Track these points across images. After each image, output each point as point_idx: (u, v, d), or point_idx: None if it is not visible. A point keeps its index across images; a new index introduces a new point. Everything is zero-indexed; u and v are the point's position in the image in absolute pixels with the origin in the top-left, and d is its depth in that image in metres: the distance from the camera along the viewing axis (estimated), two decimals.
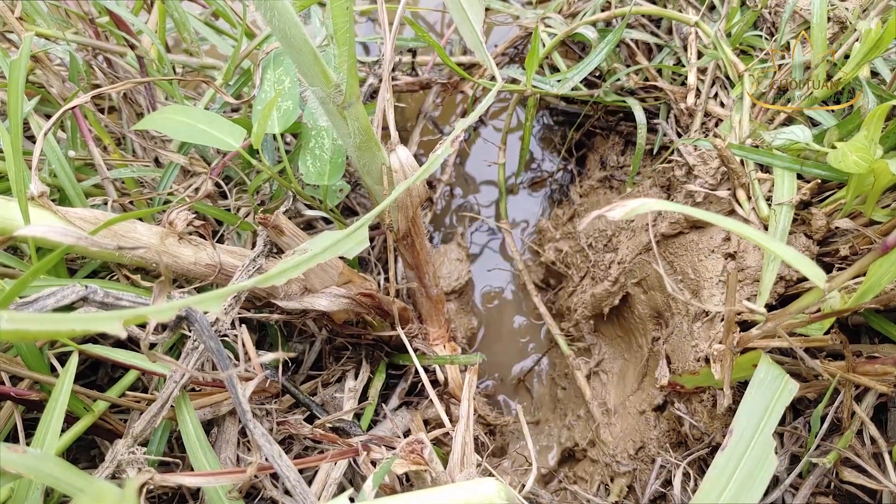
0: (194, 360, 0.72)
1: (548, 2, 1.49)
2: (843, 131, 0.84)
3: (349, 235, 0.56)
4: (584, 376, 1.19)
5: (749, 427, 0.68)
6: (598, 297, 1.15)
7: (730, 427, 0.68)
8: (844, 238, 0.84)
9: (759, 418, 0.69)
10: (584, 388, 1.17)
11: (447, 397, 1.05)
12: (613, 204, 0.55)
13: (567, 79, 1.06)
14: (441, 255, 1.33)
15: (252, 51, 1.03)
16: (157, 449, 0.75)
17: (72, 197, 0.85)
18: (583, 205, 1.31)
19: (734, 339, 0.76)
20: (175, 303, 0.42)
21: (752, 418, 0.69)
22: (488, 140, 1.49)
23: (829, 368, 0.75)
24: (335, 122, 0.78)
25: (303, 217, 1.13)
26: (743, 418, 0.69)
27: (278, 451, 0.61)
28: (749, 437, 0.68)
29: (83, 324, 0.40)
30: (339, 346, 1.06)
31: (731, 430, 0.69)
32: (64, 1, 1.06)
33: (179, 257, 0.82)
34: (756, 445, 0.68)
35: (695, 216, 0.57)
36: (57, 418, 0.59)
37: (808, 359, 0.72)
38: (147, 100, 1.07)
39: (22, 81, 0.64)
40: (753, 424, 0.69)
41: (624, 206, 0.55)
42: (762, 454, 0.67)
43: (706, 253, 0.93)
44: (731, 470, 0.66)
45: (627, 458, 1.05)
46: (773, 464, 0.66)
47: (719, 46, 1.00)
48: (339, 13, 0.68)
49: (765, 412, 0.69)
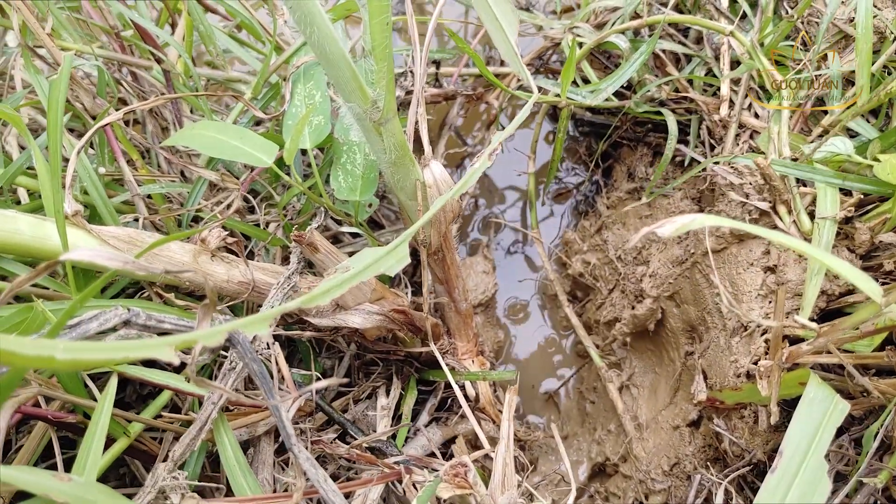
0: (232, 381, 0.71)
1: (572, 11, 1.48)
2: (886, 143, 0.83)
3: (390, 252, 0.55)
4: (616, 389, 1.18)
5: (800, 448, 0.67)
6: (640, 318, 1.13)
7: (780, 448, 0.67)
8: (888, 252, 0.83)
9: (810, 439, 0.67)
10: (616, 400, 1.16)
11: (478, 413, 1.04)
12: (662, 220, 0.54)
13: (601, 90, 1.05)
14: (468, 267, 1.32)
15: (281, 64, 1.03)
16: (193, 471, 0.74)
17: (104, 214, 0.84)
18: (610, 216, 1.30)
19: (783, 354, 0.74)
20: (223, 326, 0.41)
21: (803, 439, 0.67)
22: (510, 149, 1.48)
23: (879, 386, 0.73)
24: (370, 138, 0.77)
25: (330, 231, 1.12)
26: (793, 439, 0.67)
27: (323, 475, 0.60)
28: (801, 458, 0.66)
29: (136, 351, 0.40)
30: (369, 362, 1.05)
31: (781, 451, 0.67)
32: (89, 16, 1.06)
33: (212, 275, 0.81)
34: (808, 467, 0.66)
35: (745, 230, 0.55)
36: (98, 442, 0.58)
37: (859, 376, 0.71)
38: (173, 114, 1.07)
39: (62, 101, 0.64)
40: (805, 445, 0.67)
41: (673, 222, 0.54)
42: (815, 476, 0.65)
43: (745, 266, 0.92)
44: (784, 492, 0.65)
45: (662, 475, 1.03)
46: (826, 487, 0.65)
47: (755, 56, 0.99)
48: (379, 29, 0.67)
49: (816, 433, 0.68)
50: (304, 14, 0.62)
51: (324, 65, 0.67)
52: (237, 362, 0.72)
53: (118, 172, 0.95)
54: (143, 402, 0.88)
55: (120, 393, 0.92)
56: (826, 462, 0.65)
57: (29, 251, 0.70)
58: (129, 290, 0.90)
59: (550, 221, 1.44)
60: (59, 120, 0.64)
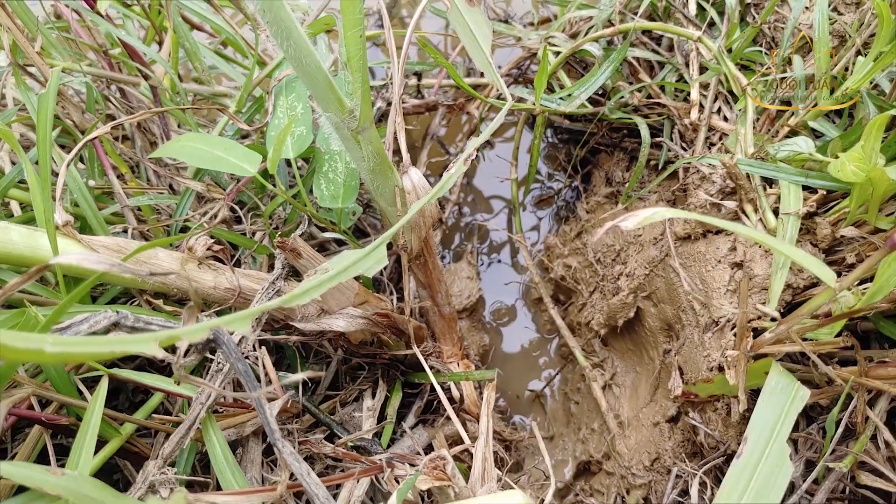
0: (219, 382, 0.73)
1: (549, 22, 1.52)
2: (846, 142, 0.86)
3: (368, 254, 0.58)
4: (600, 387, 1.21)
5: (763, 434, 0.70)
6: (613, 308, 1.16)
7: (744, 435, 0.70)
8: (850, 246, 0.86)
9: (772, 426, 0.70)
10: (599, 398, 1.19)
11: (463, 414, 1.07)
12: (626, 214, 0.57)
13: (574, 96, 1.08)
14: (452, 273, 1.35)
15: (263, 78, 1.06)
16: (183, 469, 0.76)
17: (94, 225, 0.87)
18: (590, 220, 1.33)
19: (747, 343, 0.77)
20: (206, 323, 0.44)
21: (765, 426, 0.70)
22: (492, 158, 1.51)
23: (841, 374, 0.76)
24: (349, 147, 0.80)
25: (316, 239, 1.15)
26: (757, 426, 0.70)
27: (307, 469, 0.63)
28: (764, 444, 0.69)
29: (122, 345, 0.42)
30: (355, 366, 1.08)
31: (745, 438, 0.70)
32: (78, 35, 1.09)
33: (199, 282, 0.83)
34: (771, 452, 0.69)
35: (707, 222, 0.59)
36: (90, 441, 0.61)
37: (821, 364, 0.74)
38: (161, 128, 1.10)
39: (50, 115, 0.66)
40: (767, 432, 0.70)
41: (636, 215, 0.57)
42: (778, 461, 0.68)
43: (713, 263, 0.95)
44: (748, 477, 0.68)
45: (643, 470, 1.06)
46: (788, 470, 0.67)
47: (722, 61, 1.02)
48: (353, 41, 0.70)
49: (778, 419, 0.71)
50: (280, 29, 0.65)
51: (302, 77, 0.70)
52: (224, 363, 0.74)
53: (108, 185, 0.98)
54: (135, 409, 0.91)
55: (113, 401, 0.94)
56: (789, 446, 0.68)
57: (22, 261, 0.73)
58: (121, 299, 0.93)
59: (533, 227, 1.47)
60: (48, 132, 0.67)
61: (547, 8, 1.54)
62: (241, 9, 1.18)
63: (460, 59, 1.47)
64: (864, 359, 0.75)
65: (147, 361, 0.90)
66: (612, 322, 1.18)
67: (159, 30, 1.19)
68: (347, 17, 0.67)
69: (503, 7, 1.54)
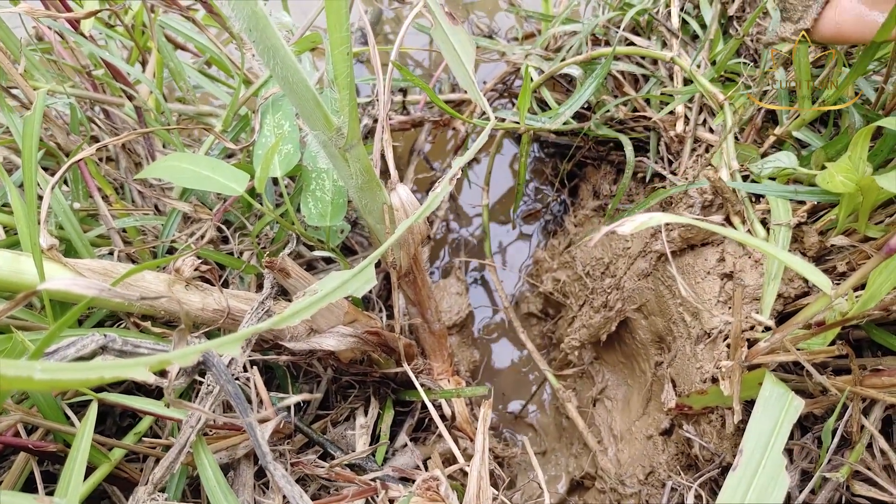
0: (209, 405, 0.72)
1: (533, 37, 1.52)
2: (832, 151, 0.87)
3: (357, 274, 0.57)
4: (575, 408, 1.21)
5: (759, 445, 0.69)
6: (595, 327, 1.17)
7: (739, 447, 0.70)
8: (841, 255, 0.86)
9: (767, 437, 0.70)
10: (576, 419, 1.19)
11: (455, 431, 1.06)
12: (622, 220, 0.57)
13: (559, 114, 1.08)
14: (441, 289, 1.34)
15: (249, 97, 1.05)
16: (174, 495, 0.75)
17: (79, 248, 0.86)
18: (578, 234, 1.33)
19: (742, 353, 0.77)
20: (196, 347, 0.43)
21: (761, 437, 0.70)
22: (480, 174, 1.51)
23: (836, 383, 0.76)
24: (337, 164, 0.79)
25: (304, 258, 1.14)
26: (752, 437, 0.70)
27: (299, 492, 0.62)
28: (759, 455, 0.69)
29: (112, 371, 0.41)
30: (346, 385, 1.07)
31: (741, 449, 0.70)
32: (61, 56, 1.08)
33: (188, 304, 0.82)
34: (767, 464, 0.69)
35: (704, 227, 0.59)
36: (79, 468, 0.59)
37: (816, 373, 0.74)
38: (146, 149, 1.09)
39: (36, 138, 0.66)
40: (763, 443, 0.70)
41: (633, 220, 0.57)
42: (774, 472, 0.68)
43: (702, 275, 0.95)
44: (745, 489, 0.67)
45: (637, 484, 1.05)
46: (785, 481, 0.67)
47: (695, 80, 1.03)
48: (340, 59, 0.70)
49: (773, 430, 0.71)
50: (267, 48, 0.65)
51: (289, 95, 0.70)
52: (213, 385, 0.73)
53: (93, 208, 0.97)
54: (123, 434, 0.89)
55: (100, 425, 0.93)
56: (785, 457, 0.68)
57: (7, 286, 0.72)
58: (107, 322, 0.92)
59: (522, 242, 1.47)
60: (33, 154, 0.66)
61: (531, 23, 1.55)
62: (226, 28, 1.18)
63: (445, 76, 1.47)
64: (858, 367, 0.75)
65: (134, 384, 0.89)
66: (595, 339, 1.18)
67: (143, 50, 1.19)
68: (334, 34, 0.67)
69: (487, 22, 1.55)
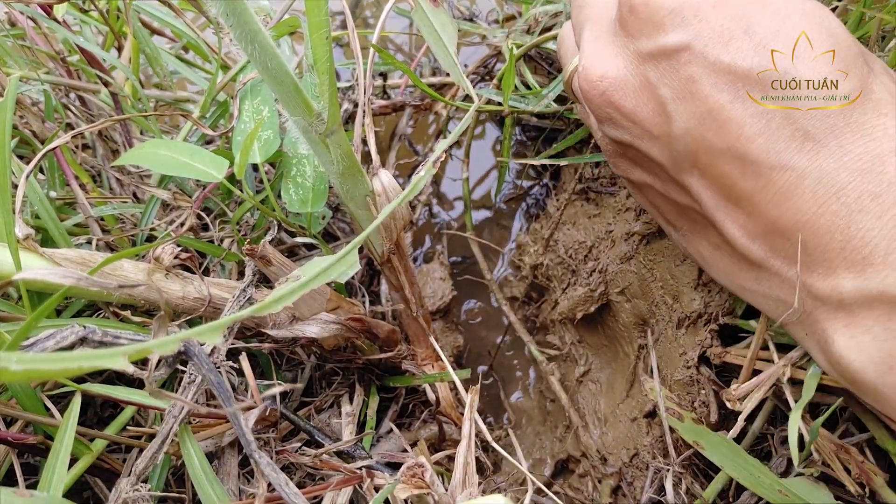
0: (192, 394, 0.72)
1: (514, 20, 1.51)
2: None
3: (340, 260, 0.57)
4: (558, 381, 1.21)
5: None
6: (575, 301, 1.17)
7: None
8: None
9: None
10: (559, 392, 1.19)
11: (440, 417, 1.06)
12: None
13: (542, 96, 1.08)
14: (424, 274, 1.34)
15: (227, 82, 1.04)
16: (157, 485, 0.74)
17: (56, 237, 0.85)
18: (560, 218, 1.33)
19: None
20: (176, 335, 0.42)
21: None
22: (460, 158, 1.50)
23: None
24: (317, 150, 0.78)
25: (285, 244, 1.13)
26: None
27: (285, 479, 0.61)
28: None
29: (90, 361, 0.41)
30: (329, 372, 1.06)
31: None
32: (34, 42, 1.06)
33: (168, 292, 0.82)
34: None
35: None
36: (62, 461, 0.59)
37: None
38: (123, 136, 1.07)
39: (9, 125, 0.64)
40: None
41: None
42: None
43: (682, 257, 0.95)
44: None
45: (621, 465, 1.06)
46: None
47: None
48: (319, 44, 0.69)
49: None
50: (245, 32, 0.63)
51: (268, 81, 0.69)
52: (196, 375, 0.73)
53: (70, 196, 0.95)
54: (104, 425, 0.89)
55: (81, 416, 0.92)
56: None
57: None
58: (86, 312, 0.91)
59: (504, 226, 1.47)
60: (6, 142, 0.65)
61: (512, 6, 1.54)
62: (203, 12, 1.16)
63: (426, 59, 1.46)
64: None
65: (115, 374, 0.88)
66: (572, 315, 1.19)
67: (118, 35, 1.17)
68: (313, 18, 0.66)
69: (467, 5, 1.53)
